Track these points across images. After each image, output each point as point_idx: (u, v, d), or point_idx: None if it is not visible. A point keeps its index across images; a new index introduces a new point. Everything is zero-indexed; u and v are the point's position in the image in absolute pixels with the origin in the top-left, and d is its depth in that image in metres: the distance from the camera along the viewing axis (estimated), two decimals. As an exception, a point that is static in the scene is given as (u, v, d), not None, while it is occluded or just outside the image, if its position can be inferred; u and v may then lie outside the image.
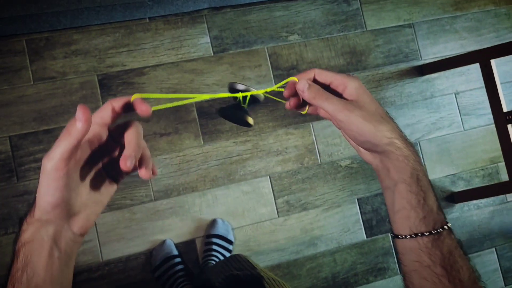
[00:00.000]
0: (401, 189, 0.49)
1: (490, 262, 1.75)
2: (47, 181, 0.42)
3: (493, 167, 1.79)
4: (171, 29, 1.64)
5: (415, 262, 0.49)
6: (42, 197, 0.42)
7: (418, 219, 0.48)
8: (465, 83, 1.81)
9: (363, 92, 0.50)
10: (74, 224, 0.46)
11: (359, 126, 0.48)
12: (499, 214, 1.78)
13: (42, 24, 1.49)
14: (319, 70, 0.53)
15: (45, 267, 0.43)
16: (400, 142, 0.49)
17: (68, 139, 0.41)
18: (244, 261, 1.04)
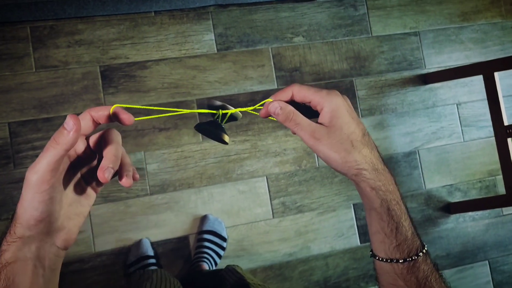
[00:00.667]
0: (374, 215, 0.49)
1: (482, 274, 1.75)
2: (32, 195, 0.41)
3: (491, 180, 1.79)
4: (176, 24, 1.63)
5: (391, 284, 0.50)
6: (26, 211, 0.41)
7: (392, 246, 0.48)
8: (467, 94, 1.81)
9: (338, 115, 0.47)
10: (57, 238, 0.45)
11: (326, 155, 0.48)
12: (494, 227, 1.77)
13: (47, 12, 1.49)
14: (298, 88, 0.50)
15: (29, 287, 0.41)
16: (368, 173, 0.47)
17: (56, 149, 0.40)
18: (232, 272, 1.05)
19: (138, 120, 0.50)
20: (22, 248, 0.42)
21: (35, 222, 0.41)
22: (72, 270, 1.49)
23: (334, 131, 0.47)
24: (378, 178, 0.48)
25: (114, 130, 0.46)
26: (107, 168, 0.42)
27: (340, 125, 0.47)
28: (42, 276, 0.43)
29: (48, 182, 0.40)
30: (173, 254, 1.56)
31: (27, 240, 0.42)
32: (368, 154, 0.48)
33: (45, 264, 0.43)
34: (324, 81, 1.70)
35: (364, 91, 1.73)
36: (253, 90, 1.65)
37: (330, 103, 0.47)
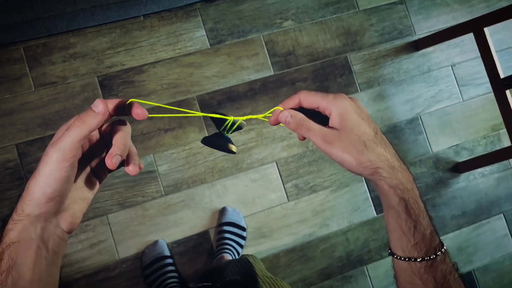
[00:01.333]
0: (392, 213, 0.49)
1: (499, 228, 1.77)
2: (49, 171, 0.41)
3: (495, 135, 1.82)
4: (166, 25, 1.65)
5: (408, 283, 0.49)
6: (39, 187, 0.41)
7: (410, 245, 0.48)
8: (460, 54, 1.83)
9: (346, 117, 0.48)
10: (62, 220, 0.45)
11: (339, 158, 0.48)
12: (505, 180, 1.80)
13: (38, 30, 1.50)
14: (305, 94, 0.50)
15: (32, 268, 0.41)
16: (385, 171, 0.47)
17: (81, 128, 0.42)
18: (245, 263, 1.07)
19: (142, 121, 0.52)
20: (28, 227, 0.42)
21: (46, 200, 0.42)
22: (100, 280, 1.50)
23: (345, 134, 0.47)
24: (395, 176, 0.47)
25: (125, 121, 0.48)
26: (115, 155, 0.44)
27: (350, 126, 0.47)
28: (45, 258, 0.43)
29: (68, 161, 0.41)
30: (195, 250, 1.58)
31: (34, 220, 0.42)
32: (382, 153, 0.48)
33: (48, 246, 0.44)
34: (319, 61, 1.72)
35: (359, 65, 1.75)
36: (250, 79, 1.67)
37: (338, 106, 0.48)
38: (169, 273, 1.50)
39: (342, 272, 1.65)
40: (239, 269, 1.05)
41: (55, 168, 0.41)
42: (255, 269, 0.97)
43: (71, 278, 1.49)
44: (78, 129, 0.42)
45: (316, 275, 1.64)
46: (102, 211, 1.53)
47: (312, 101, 0.50)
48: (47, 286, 0.43)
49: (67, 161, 0.41)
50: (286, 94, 1.68)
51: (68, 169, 0.42)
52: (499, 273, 1.75)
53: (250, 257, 1.13)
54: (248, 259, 1.10)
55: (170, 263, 1.52)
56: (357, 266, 1.67)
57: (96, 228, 1.52)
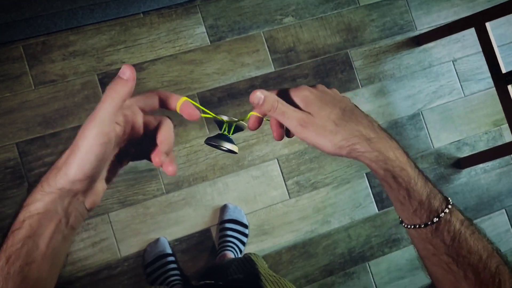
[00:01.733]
0: (385, 186, 0.48)
1: (501, 223, 1.77)
2: (89, 147, 0.39)
3: (496, 130, 1.81)
4: (166, 22, 1.64)
5: (423, 250, 0.48)
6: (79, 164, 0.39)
7: (409, 213, 0.47)
8: (461, 49, 1.82)
9: (311, 101, 0.48)
10: (87, 198, 0.44)
11: (314, 141, 0.47)
12: (506, 176, 1.80)
13: (37, 28, 1.49)
14: (280, 90, 0.51)
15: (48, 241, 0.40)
16: (361, 146, 0.46)
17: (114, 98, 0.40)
18: (248, 261, 1.06)
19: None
20: (57, 201, 0.40)
21: (84, 177, 0.40)
22: (102, 278, 1.50)
23: (315, 117, 0.47)
24: (374, 148, 0.46)
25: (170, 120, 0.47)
26: (163, 153, 0.43)
27: (317, 109, 0.47)
28: (61, 232, 0.42)
29: (107, 135, 0.40)
30: (197, 248, 1.57)
31: (65, 194, 0.41)
32: (354, 127, 0.47)
33: (69, 221, 0.42)
34: (320, 57, 1.71)
35: (360, 61, 1.74)
36: (251, 76, 1.66)
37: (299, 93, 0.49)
38: (171, 271, 1.50)
39: (344, 269, 1.65)
40: (242, 268, 1.05)
41: (94, 144, 0.39)
42: (258, 268, 0.97)
43: (73, 276, 1.49)
44: (111, 99, 0.40)
45: (318, 271, 1.64)
46: (103, 209, 1.53)
47: (285, 93, 0.50)
48: (57, 260, 0.42)
49: (106, 136, 0.40)
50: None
51: (106, 145, 0.40)
52: (501, 268, 1.75)
53: (253, 255, 1.13)
54: (251, 258, 1.10)
55: (172, 260, 1.52)
56: (359, 263, 1.67)
57: (98, 226, 1.52)
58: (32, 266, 0.39)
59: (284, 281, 0.87)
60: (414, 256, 1.69)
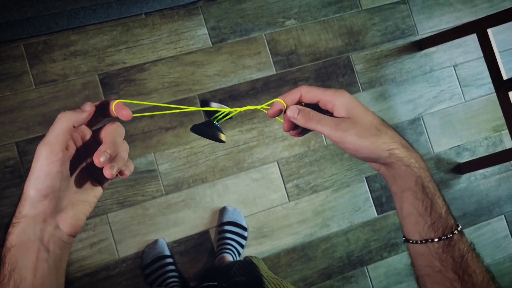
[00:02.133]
0: (407, 196, 0.49)
1: (500, 229, 1.77)
2: (40, 167, 0.41)
3: (497, 136, 1.81)
4: (168, 23, 1.64)
5: (427, 267, 0.49)
6: (32, 185, 0.41)
7: (426, 226, 0.48)
8: (463, 54, 1.83)
9: (354, 106, 0.49)
10: (62, 222, 0.45)
11: (356, 144, 0.48)
12: (506, 181, 1.80)
13: (39, 27, 1.49)
14: (306, 89, 0.51)
15: (33, 271, 0.41)
16: (400, 152, 0.48)
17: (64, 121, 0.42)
18: (249, 264, 1.06)
19: (143, 120, 0.51)
20: (26, 229, 0.41)
21: (40, 197, 0.42)
22: (100, 279, 1.50)
23: (356, 121, 0.48)
24: (410, 155, 0.48)
25: (117, 123, 0.47)
26: (103, 152, 0.43)
27: (359, 114, 0.48)
28: (46, 260, 0.42)
29: (56, 154, 0.42)
30: (196, 250, 1.57)
31: (31, 221, 0.42)
32: (394, 134, 0.49)
33: (50, 248, 0.43)
34: (321, 60, 1.71)
35: (361, 65, 1.74)
36: (252, 78, 1.66)
37: (341, 98, 0.49)
38: (170, 273, 1.49)
39: (343, 273, 1.65)
40: (244, 270, 1.05)
41: (45, 163, 0.41)
42: (260, 270, 0.97)
43: (71, 277, 1.49)
44: (61, 121, 0.42)
45: (317, 275, 1.64)
46: (102, 210, 1.52)
47: (313, 95, 0.50)
48: (51, 286, 0.43)
49: (55, 155, 0.41)
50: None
51: (58, 164, 0.42)
52: (499, 274, 1.75)
53: (254, 258, 1.13)
54: (252, 261, 1.09)
55: (171, 262, 1.52)
56: (357, 267, 1.66)
57: (96, 227, 1.52)
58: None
59: (286, 284, 0.87)
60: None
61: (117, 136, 0.46)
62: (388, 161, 0.48)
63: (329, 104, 0.49)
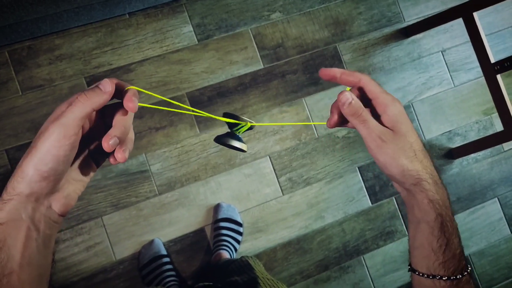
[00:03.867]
0: (423, 229, 0.48)
1: (494, 212, 1.78)
2: (48, 148, 0.39)
3: (487, 119, 1.81)
4: (152, 22, 1.62)
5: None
6: (34, 165, 0.39)
7: (437, 262, 0.47)
8: (450, 39, 1.82)
9: (402, 121, 0.47)
10: (55, 202, 0.43)
11: (387, 160, 0.46)
12: (498, 164, 1.80)
13: (22, 33, 1.47)
14: (368, 80, 0.48)
15: (21, 250, 0.39)
16: (428, 184, 0.46)
17: (85, 104, 0.40)
18: (245, 265, 1.07)
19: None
20: (18, 207, 0.39)
21: (40, 178, 0.39)
22: (98, 282, 1.50)
23: (399, 137, 0.46)
24: (437, 191, 0.46)
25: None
26: (113, 137, 0.41)
27: (404, 132, 0.46)
28: (35, 240, 0.41)
29: (69, 139, 0.39)
30: (192, 248, 1.58)
31: (24, 200, 0.40)
32: (429, 166, 0.47)
33: (40, 228, 0.41)
34: (309, 52, 1.71)
35: (349, 55, 1.74)
36: (240, 74, 1.65)
37: (395, 106, 0.47)
38: (167, 272, 1.50)
39: (339, 263, 1.66)
40: (240, 271, 1.05)
41: (54, 146, 0.38)
42: (256, 272, 0.97)
43: (68, 281, 1.49)
44: (82, 105, 0.39)
45: (314, 267, 1.64)
46: (97, 213, 1.52)
47: (372, 89, 0.48)
48: (38, 269, 0.41)
49: (68, 139, 0.39)
50: (276, 87, 1.66)
51: (68, 148, 0.39)
52: (495, 256, 1.76)
53: (250, 259, 1.13)
54: (248, 261, 1.10)
55: (167, 262, 1.52)
56: (354, 257, 1.67)
57: (91, 230, 1.51)
58: (11, 277, 0.38)
59: (282, 285, 0.87)
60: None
61: (128, 119, 0.44)
62: (413, 189, 0.47)
63: (381, 107, 0.47)
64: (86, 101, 0.40)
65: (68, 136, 0.39)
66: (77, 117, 0.39)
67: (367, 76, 0.48)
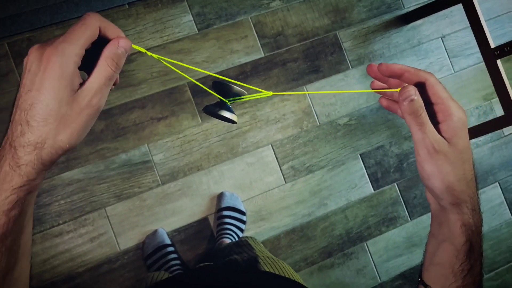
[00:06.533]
0: (447, 249, 0.47)
1: (495, 196, 1.80)
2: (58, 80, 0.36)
3: (487, 104, 1.82)
4: (152, 12, 1.62)
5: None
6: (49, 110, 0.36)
7: (455, 285, 0.46)
8: (449, 25, 1.82)
9: (462, 135, 0.43)
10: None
11: (433, 173, 0.43)
12: (498, 149, 1.81)
13: (22, 25, 1.47)
14: (435, 82, 0.44)
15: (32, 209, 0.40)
16: (467, 208, 0.44)
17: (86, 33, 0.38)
18: (245, 245, 1.07)
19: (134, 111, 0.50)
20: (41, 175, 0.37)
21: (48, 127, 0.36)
22: (103, 272, 1.51)
23: (454, 151, 0.43)
24: (473, 217, 0.45)
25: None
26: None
27: (461, 147, 0.43)
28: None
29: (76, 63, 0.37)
30: (195, 237, 1.58)
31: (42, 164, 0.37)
32: (474, 191, 0.45)
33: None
34: (309, 40, 1.71)
35: (349, 42, 1.74)
36: (241, 63, 1.65)
37: (459, 117, 0.43)
38: (172, 261, 1.50)
39: (343, 250, 1.67)
40: (239, 250, 1.06)
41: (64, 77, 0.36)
42: (256, 251, 0.98)
43: (74, 272, 1.49)
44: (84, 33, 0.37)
45: (317, 254, 1.65)
46: (100, 204, 1.52)
47: (438, 93, 0.44)
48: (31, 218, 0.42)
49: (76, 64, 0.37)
50: (277, 75, 1.66)
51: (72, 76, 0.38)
52: (496, 240, 1.78)
53: (250, 239, 1.14)
54: (248, 241, 1.10)
55: (172, 251, 1.52)
56: (357, 243, 1.68)
57: (95, 221, 1.52)
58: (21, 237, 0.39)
59: (282, 263, 0.87)
60: (411, 234, 1.71)
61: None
62: (450, 208, 0.45)
63: (443, 114, 0.43)
64: (95, 21, 0.38)
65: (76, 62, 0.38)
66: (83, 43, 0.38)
67: (434, 76, 0.45)
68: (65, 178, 1.51)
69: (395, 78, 0.47)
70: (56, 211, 1.50)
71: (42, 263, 1.48)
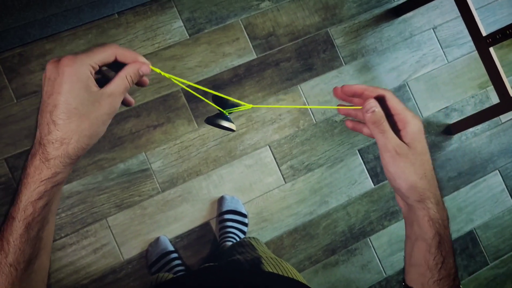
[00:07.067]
0: (420, 246, 0.50)
1: (496, 184, 1.79)
2: (79, 91, 0.42)
3: (483, 93, 1.82)
4: (141, 20, 1.61)
5: None
6: (71, 108, 0.42)
7: (432, 280, 0.49)
8: (440, 16, 1.82)
9: (420, 140, 0.49)
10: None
11: (397, 173, 0.48)
12: (497, 136, 1.81)
13: (11, 40, 1.46)
14: (391, 96, 0.50)
15: (57, 203, 0.46)
16: (431, 203, 0.48)
17: (102, 53, 0.44)
18: (247, 245, 1.07)
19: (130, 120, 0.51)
20: (67, 168, 0.43)
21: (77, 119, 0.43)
22: (108, 283, 1.51)
23: (413, 154, 0.48)
24: (438, 211, 0.48)
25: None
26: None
27: (420, 149, 0.48)
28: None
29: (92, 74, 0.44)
30: (198, 242, 1.58)
31: (68, 158, 0.43)
32: (434, 186, 0.49)
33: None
34: (301, 39, 1.70)
35: (341, 38, 1.73)
36: (234, 66, 1.65)
37: (416, 124, 0.49)
38: (177, 267, 1.50)
39: (346, 246, 1.67)
40: (241, 251, 1.06)
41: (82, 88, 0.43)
42: (258, 251, 0.98)
43: (79, 284, 1.49)
44: (109, 50, 0.46)
45: (321, 252, 1.65)
46: (101, 215, 1.52)
47: (395, 105, 0.50)
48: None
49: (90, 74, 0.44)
50: (271, 76, 1.66)
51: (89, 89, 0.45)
52: (500, 228, 1.77)
53: (252, 240, 1.14)
54: (251, 242, 1.10)
55: (176, 257, 1.52)
56: (360, 239, 1.68)
57: (97, 232, 1.52)
58: (46, 227, 0.45)
59: (285, 264, 0.87)
60: (414, 226, 1.71)
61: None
62: (416, 205, 0.49)
63: (402, 123, 0.49)
64: (108, 49, 0.45)
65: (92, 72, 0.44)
66: (102, 59, 0.45)
67: (390, 92, 0.50)
68: (64, 191, 1.51)
69: (357, 97, 0.53)
70: (57, 225, 1.50)
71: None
